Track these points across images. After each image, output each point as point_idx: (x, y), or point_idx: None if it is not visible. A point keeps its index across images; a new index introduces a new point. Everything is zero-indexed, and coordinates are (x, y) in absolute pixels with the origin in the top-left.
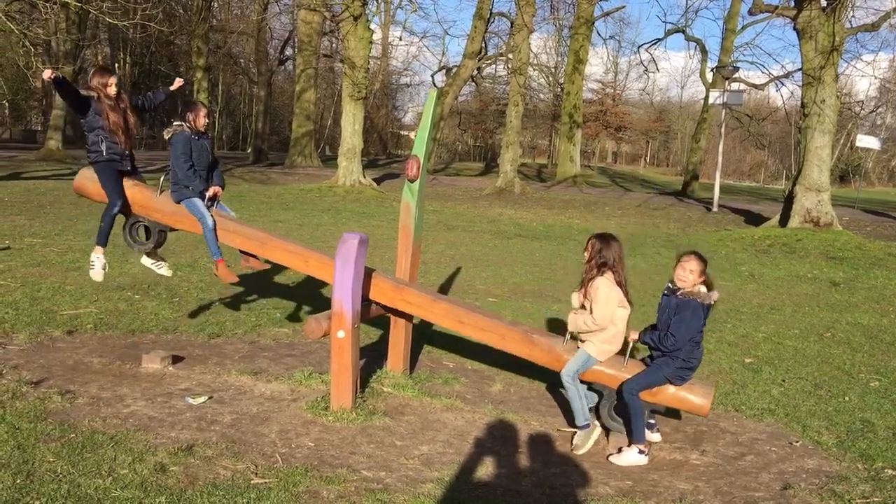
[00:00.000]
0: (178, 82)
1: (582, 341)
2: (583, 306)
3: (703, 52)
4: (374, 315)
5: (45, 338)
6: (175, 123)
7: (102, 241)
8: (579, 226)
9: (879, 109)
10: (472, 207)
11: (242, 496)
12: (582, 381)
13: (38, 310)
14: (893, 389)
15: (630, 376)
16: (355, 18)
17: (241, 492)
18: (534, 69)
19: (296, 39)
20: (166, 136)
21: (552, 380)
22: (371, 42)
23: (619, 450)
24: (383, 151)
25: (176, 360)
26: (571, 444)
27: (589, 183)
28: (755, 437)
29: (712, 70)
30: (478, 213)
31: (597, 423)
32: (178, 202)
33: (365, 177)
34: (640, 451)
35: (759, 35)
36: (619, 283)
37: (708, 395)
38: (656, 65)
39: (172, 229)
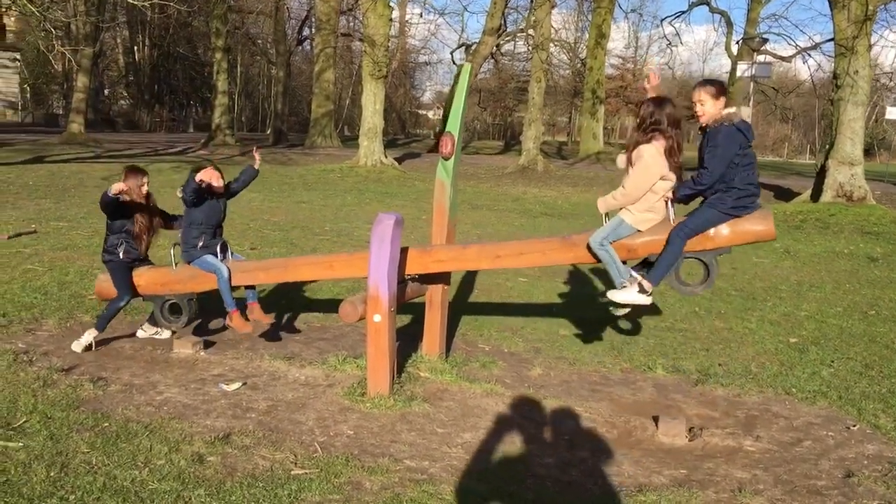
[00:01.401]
0: (258, 157)
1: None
2: (627, 171)
3: (729, 24)
4: (409, 298)
5: (74, 323)
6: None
7: (102, 327)
8: (584, 200)
9: None
10: (496, 186)
11: (283, 488)
12: (636, 259)
13: (66, 294)
14: None
15: None
16: None
17: (281, 483)
18: (555, 45)
19: (314, 19)
20: (179, 195)
21: (591, 362)
22: (391, 19)
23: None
24: (402, 131)
25: (207, 345)
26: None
27: (612, 160)
28: (810, 421)
29: (737, 42)
30: (501, 192)
31: (638, 277)
32: (189, 263)
33: (386, 156)
34: (642, 291)
35: (786, 7)
36: (669, 151)
37: (767, 217)
38: (680, 38)
39: (198, 294)
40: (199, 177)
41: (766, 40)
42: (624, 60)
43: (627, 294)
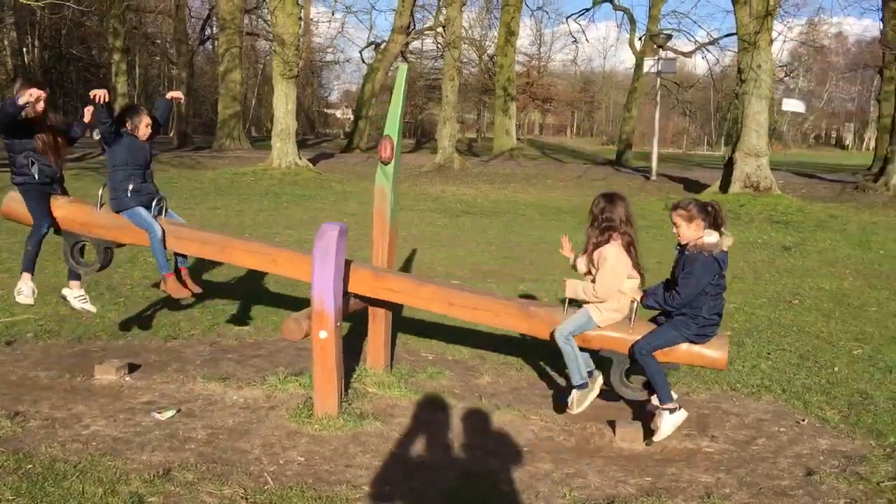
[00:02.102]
0: (89, 111)
1: (584, 302)
2: (589, 272)
3: (632, 21)
4: (352, 310)
5: None
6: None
7: (29, 266)
8: (524, 200)
9: (793, 73)
10: (414, 185)
11: None
12: (587, 349)
13: None
14: (878, 357)
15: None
16: None
17: None
18: (465, 43)
19: (216, 18)
20: (96, 138)
21: (538, 367)
22: (300, 18)
23: (654, 430)
24: (311, 131)
25: (132, 368)
26: (566, 404)
27: (525, 156)
28: (760, 417)
29: (640, 39)
30: (420, 191)
31: (597, 380)
32: (118, 212)
33: (301, 158)
34: (671, 411)
35: (693, 5)
36: (628, 248)
37: (723, 346)
38: (586, 35)
39: (119, 245)
40: (130, 124)
41: (670, 37)
42: (530, 57)
43: (666, 423)
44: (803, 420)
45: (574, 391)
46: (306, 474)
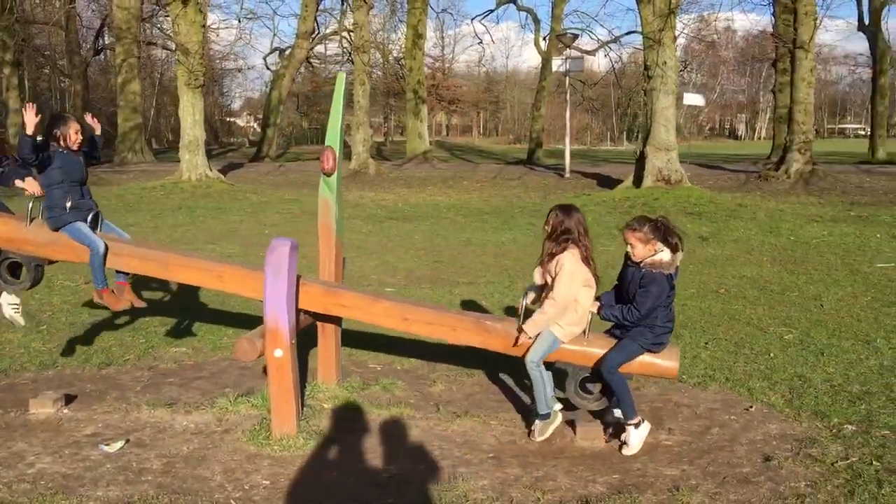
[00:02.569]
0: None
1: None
2: (546, 283)
3: (535, 21)
4: (302, 326)
5: None
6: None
7: None
8: (445, 202)
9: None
10: None
11: None
12: (546, 361)
13: None
14: (808, 340)
15: (596, 350)
16: (184, 2)
17: None
18: (373, 47)
19: (110, 27)
20: (20, 185)
21: (488, 371)
22: (203, 26)
23: (622, 443)
24: (215, 140)
25: (68, 399)
26: (529, 432)
27: (438, 158)
28: (710, 406)
29: (544, 38)
30: None
31: (558, 409)
32: (57, 230)
33: (211, 169)
34: (637, 426)
35: (587, 1)
36: (584, 259)
37: (675, 356)
38: (491, 36)
39: (50, 262)
40: (58, 132)
41: (576, 36)
42: (434, 59)
43: (634, 438)
44: (751, 407)
45: (538, 421)
46: (274, 498)
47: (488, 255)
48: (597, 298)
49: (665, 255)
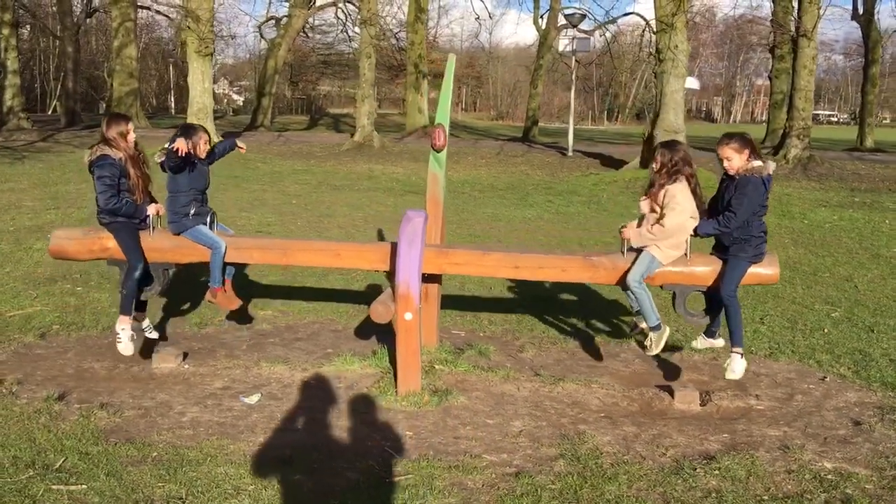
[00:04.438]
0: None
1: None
2: (653, 211)
3: None
4: None
5: (18, 345)
6: (168, 147)
7: (127, 310)
8: (457, 178)
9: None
10: (338, 164)
11: (397, 496)
12: (653, 285)
13: None
14: (854, 318)
15: (700, 268)
16: None
17: (388, 492)
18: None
19: None
20: (157, 161)
21: (570, 339)
22: None
23: (725, 367)
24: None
25: (184, 356)
26: (644, 347)
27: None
28: (787, 376)
29: (542, 17)
30: (349, 170)
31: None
32: (178, 234)
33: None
34: (741, 355)
35: None
36: (692, 191)
37: (775, 263)
38: (489, 12)
39: (176, 266)
40: (174, 146)
41: (584, 16)
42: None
43: (737, 365)
44: (825, 377)
45: (651, 333)
46: (424, 447)
47: (519, 230)
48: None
49: (758, 162)
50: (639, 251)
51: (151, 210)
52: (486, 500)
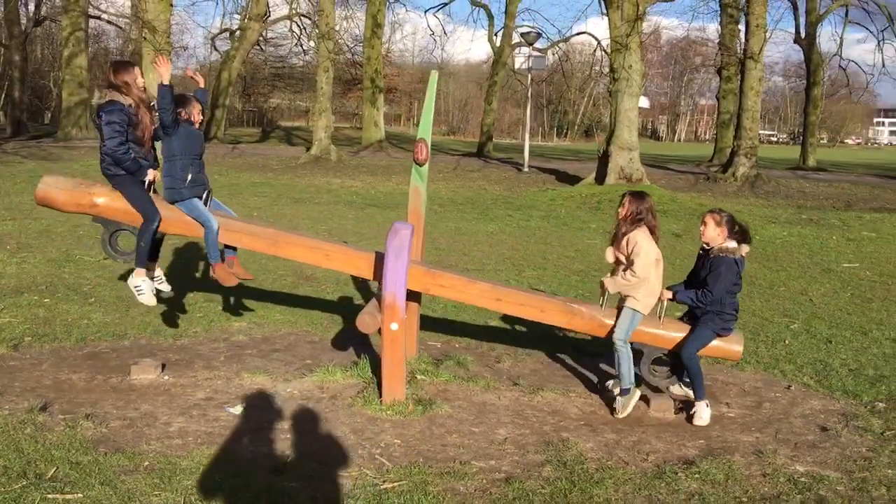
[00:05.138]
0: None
1: (622, 300)
2: (618, 261)
3: (490, 17)
4: None
5: None
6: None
7: (143, 262)
8: None
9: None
10: (296, 177)
11: (394, 502)
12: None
13: None
14: (812, 330)
15: (671, 333)
16: None
17: (384, 499)
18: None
19: None
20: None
21: (544, 351)
22: (171, 4)
23: (691, 415)
24: None
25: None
26: (612, 410)
27: (395, 146)
28: (754, 385)
29: (496, 34)
30: (308, 184)
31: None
32: (173, 202)
33: None
34: (707, 405)
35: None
36: (654, 238)
37: (740, 340)
38: (444, 29)
39: (163, 235)
40: (184, 112)
41: (539, 35)
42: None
43: (704, 414)
44: (790, 386)
45: (620, 397)
46: (413, 454)
47: (483, 243)
48: (668, 288)
49: (732, 244)
50: (619, 308)
51: (150, 175)
52: None
